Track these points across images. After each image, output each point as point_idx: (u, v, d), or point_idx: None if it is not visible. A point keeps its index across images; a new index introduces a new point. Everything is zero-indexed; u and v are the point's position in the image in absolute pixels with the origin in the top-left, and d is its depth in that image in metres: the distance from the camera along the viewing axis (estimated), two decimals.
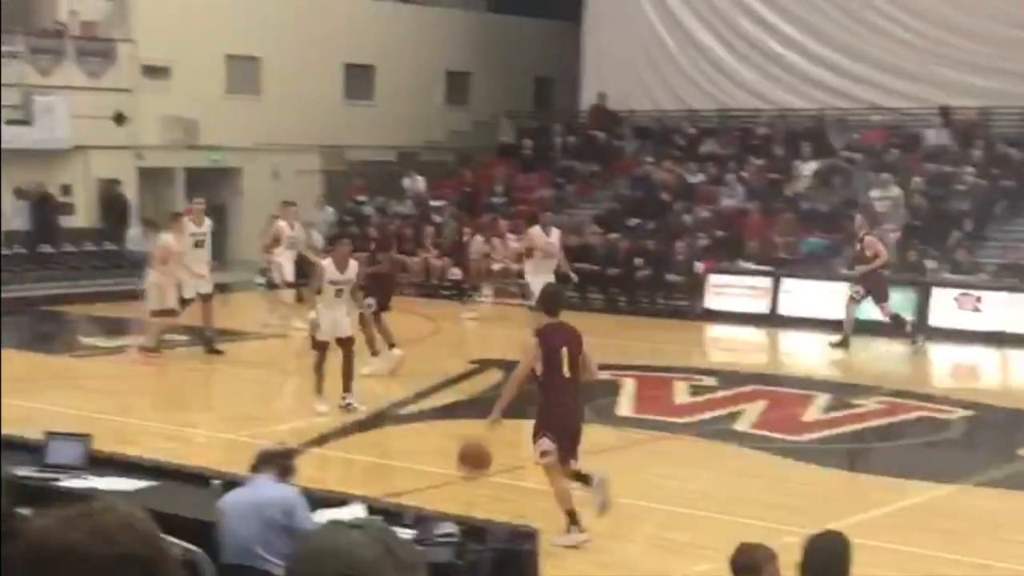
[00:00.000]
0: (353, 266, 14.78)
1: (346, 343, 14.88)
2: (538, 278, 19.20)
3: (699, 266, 24.81)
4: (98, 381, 17.52)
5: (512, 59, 36.13)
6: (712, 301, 24.21)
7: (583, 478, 10.24)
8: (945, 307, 21.90)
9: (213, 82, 31.43)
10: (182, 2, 30.57)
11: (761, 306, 23.65)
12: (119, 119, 30.06)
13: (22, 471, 8.81)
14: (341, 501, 7.70)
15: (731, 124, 31.40)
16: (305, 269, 19.10)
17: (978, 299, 21.80)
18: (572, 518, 10.04)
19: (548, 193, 30.61)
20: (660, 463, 13.29)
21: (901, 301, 21.34)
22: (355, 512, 7.73)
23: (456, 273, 26.79)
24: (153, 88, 30.38)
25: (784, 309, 23.41)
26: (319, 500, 7.70)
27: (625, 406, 15.76)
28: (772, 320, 23.19)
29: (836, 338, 20.58)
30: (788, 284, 23.63)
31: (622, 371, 17.70)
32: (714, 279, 24.51)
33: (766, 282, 23.95)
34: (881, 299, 20.50)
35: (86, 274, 26.32)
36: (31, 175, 28.73)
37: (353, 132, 33.44)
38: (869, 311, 20.53)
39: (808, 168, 27.87)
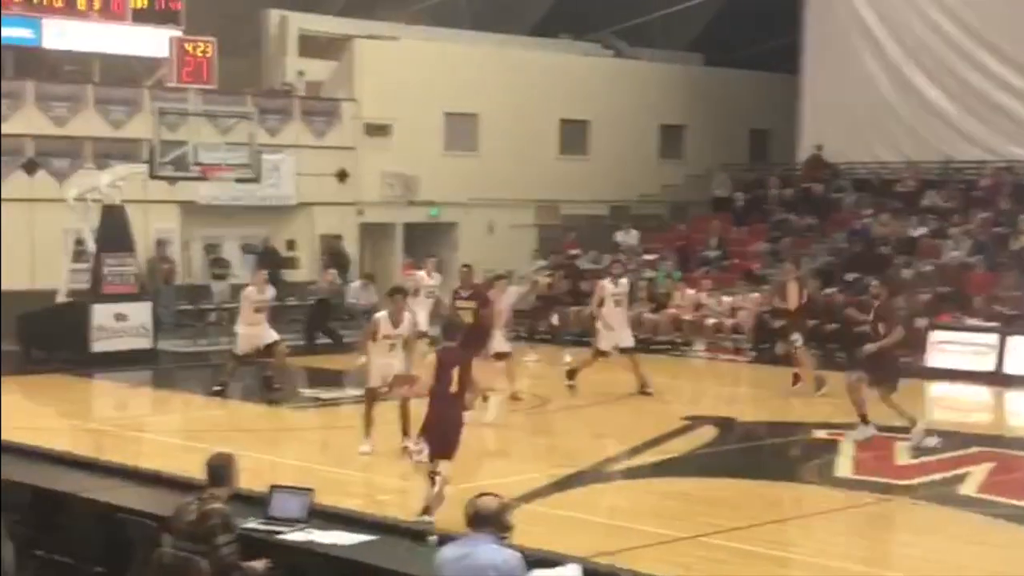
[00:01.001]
0: (408, 320, 14.99)
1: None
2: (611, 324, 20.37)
3: (920, 322, 24.13)
4: (318, 432, 17.93)
5: (727, 111, 35.95)
6: (934, 358, 23.49)
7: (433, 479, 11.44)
8: None
9: (432, 139, 32.11)
10: (403, 62, 31.39)
11: (986, 364, 22.84)
12: (342, 176, 30.96)
13: (247, 523, 9.08)
14: (555, 561, 7.67)
15: (954, 176, 30.56)
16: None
17: None
18: (427, 511, 11.03)
19: (763, 247, 30.27)
20: (881, 527, 12.91)
21: None
22: (571, 573, 7.71)
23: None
24: (374, 145, 31.22)
25: (1010, 367, 22.55)
26: (534, 560, 7.67)
27: (844, 467, 15.36)
28: (997, 379, 22.38)
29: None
30: (1015, 342, 22.78)
31: (841, 430, 17.29)
32: (936, 335, 23.79)
33: (991, 339, 23.13)
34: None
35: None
36: (257, 230, 29.80)
37: (567, 186, 33.71)
38: None
39: None
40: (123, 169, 25.00)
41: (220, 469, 8.66)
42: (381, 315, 15.37)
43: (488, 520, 7.35)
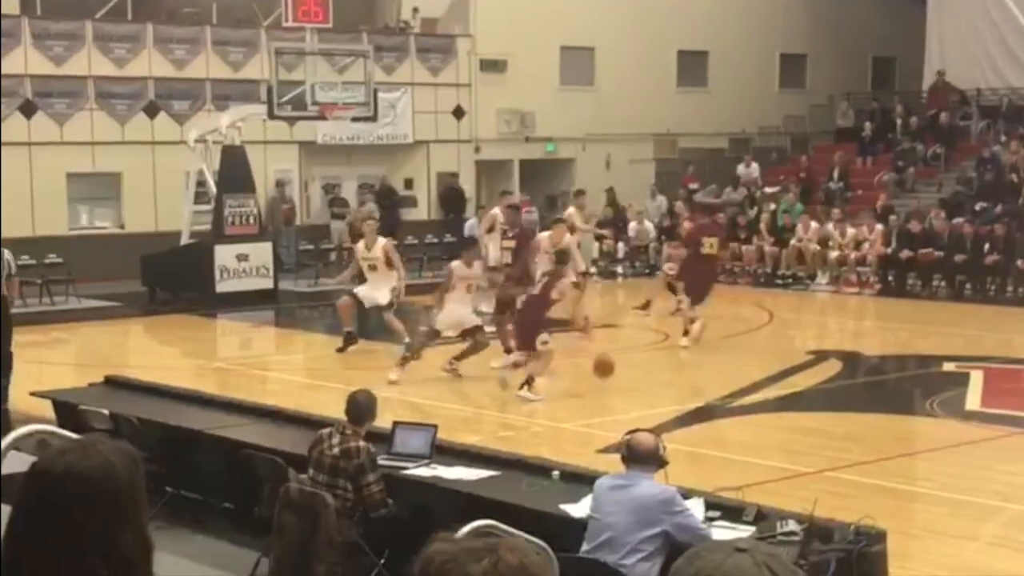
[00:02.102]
0: (478, 264, 16.04)
1: (472, 331, 16.03)
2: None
3: None
4: (435, 370, 17.95)
5: (849, 39, 35.17)
6: None
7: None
8: None
9: (548, 74, 31.88)
10: None
11: None
12: (458, 113, 30.90)
13: None
14: (681, 495, 7.58)
15: None
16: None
17: None
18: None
19: (888, 177, 29.66)
20: (1012, 460, 12.61)
21: None
22: (694, 507, 7.62)
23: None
24: (490, 82, 31.09)
25: None
26: None
27: (974, 400, 15.03)
28: None
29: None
30: None
31: (970, 363, 16.92)
32: None
33: None
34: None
35: (428, 265, 27.11)
36: (375, 170, 29.93)
37: (686, 119, 33.30)
38: None
39: None
40: (242, 110, 25.23)
41: (362, 407, 8.78)
42: (455, 263, 16.02)
43: (643, 457, 7.34)
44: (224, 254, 23.70)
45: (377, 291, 18.02)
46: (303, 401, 13.40)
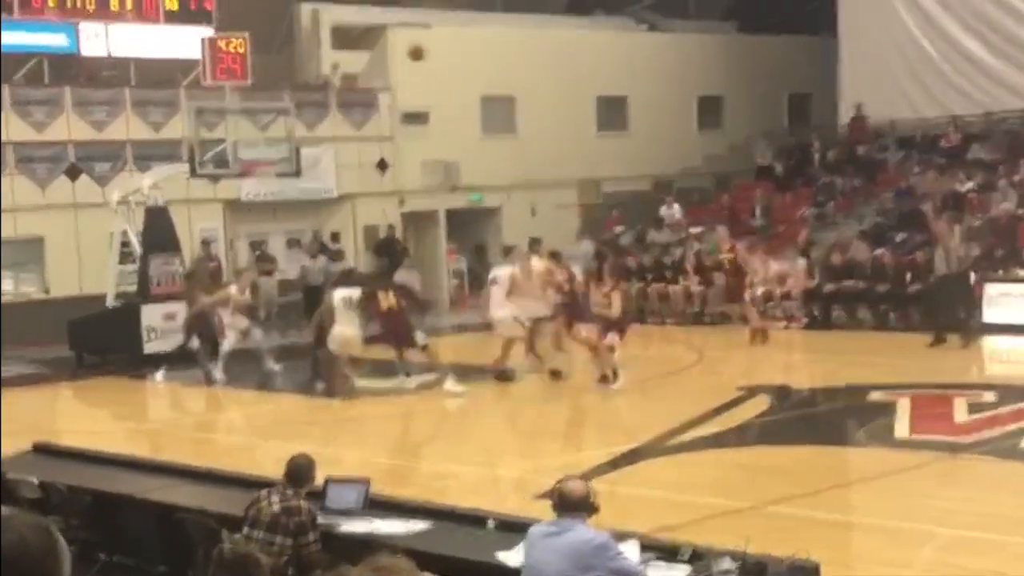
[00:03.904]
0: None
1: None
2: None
3: (973, 277, 23.84)
4: (370, 423, 17.93)
5: (764, 78, 35.69)
6: (988, 313, 23.22)
7: None
8: None
9: (470, 124, 32.03)
10: (437, 48, 31.30)
11: None
12: (382, 166, 30.95)
13: None
14: (616, 538, 7.60)
15: (999, 128, 30.21)
16: None
17: None
18: None
19: (809, 212, 30.04)
20: (943, 485, 12.76)
21: None
22: (629, 549, 7.64)
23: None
24: (412, 134, 31.19)
25: None
26: None
27: (903, 427, 15.20)
28: None
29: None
30: None
31: (897, 391, 17.12)
32: (989, 289, 23.51)
33: None
34: None
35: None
36: (301, 225, 29.87)
37: (608, 164, 33.57)
38: None
39: None
40: (164, 170, 25.10)
41: (301, 470, 8.74)
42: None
43: (575, 504, 7.33)
44: (151, 314, 23.49)
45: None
46: (236, 461, 13.29)
